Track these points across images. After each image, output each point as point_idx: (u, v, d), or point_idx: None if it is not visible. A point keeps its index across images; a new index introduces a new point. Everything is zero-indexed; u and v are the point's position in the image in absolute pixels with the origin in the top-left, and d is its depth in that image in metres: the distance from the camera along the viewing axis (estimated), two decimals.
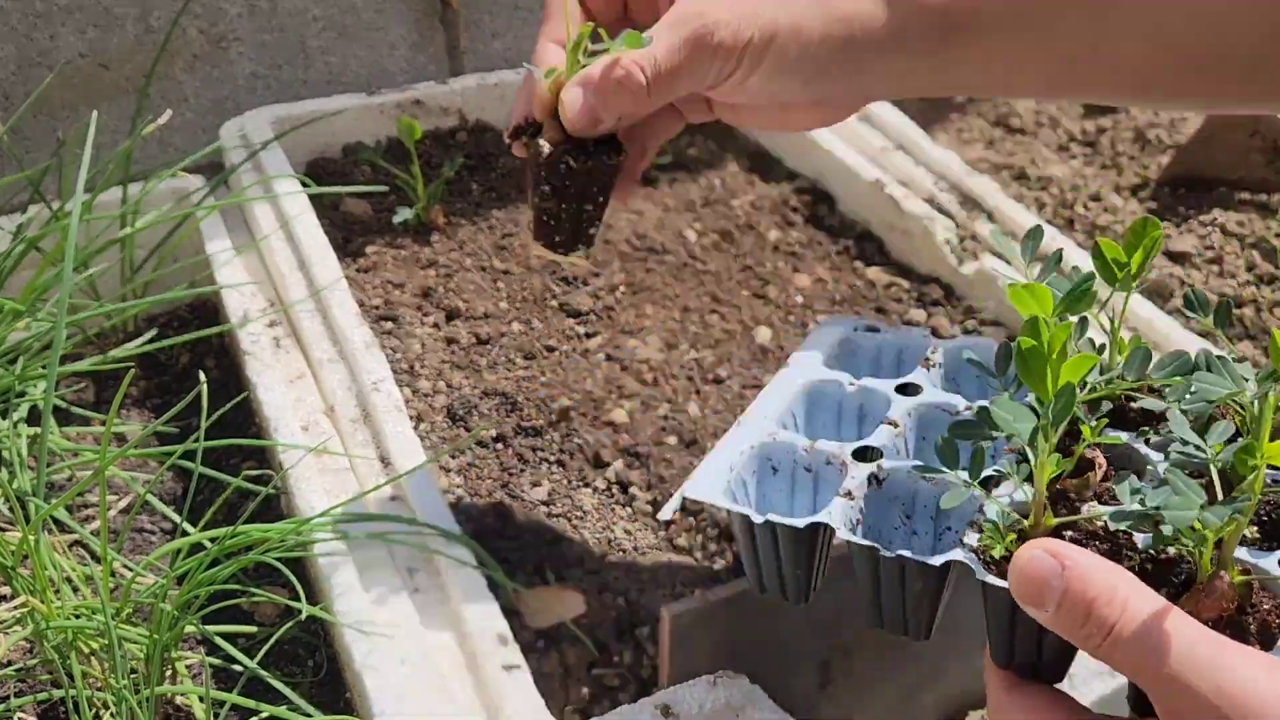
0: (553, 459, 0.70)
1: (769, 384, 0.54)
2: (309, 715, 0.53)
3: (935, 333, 0.81)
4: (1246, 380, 0.39)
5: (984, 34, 0.47)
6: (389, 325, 0.81)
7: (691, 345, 0.80)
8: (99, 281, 0.80)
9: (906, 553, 0.42)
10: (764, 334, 0.81)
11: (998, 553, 0.39)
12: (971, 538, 0.41)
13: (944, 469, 0.41)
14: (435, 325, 0.82)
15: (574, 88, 0.47)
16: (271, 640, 0.57)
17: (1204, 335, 0.80)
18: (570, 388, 0.76)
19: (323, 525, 0.59)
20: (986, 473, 0.41)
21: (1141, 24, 0.46)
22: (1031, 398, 0.39)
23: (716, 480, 0.47)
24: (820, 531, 0.45)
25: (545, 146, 0.48)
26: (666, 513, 0.47)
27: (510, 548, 0.63)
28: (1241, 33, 0.45)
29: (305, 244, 0.82)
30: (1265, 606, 0.37)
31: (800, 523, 0.44)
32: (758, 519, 0.45)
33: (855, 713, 0.59)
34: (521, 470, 0.69)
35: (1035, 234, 0.45)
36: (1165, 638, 0.34)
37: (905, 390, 0.52)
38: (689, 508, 0.62)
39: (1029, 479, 0.40)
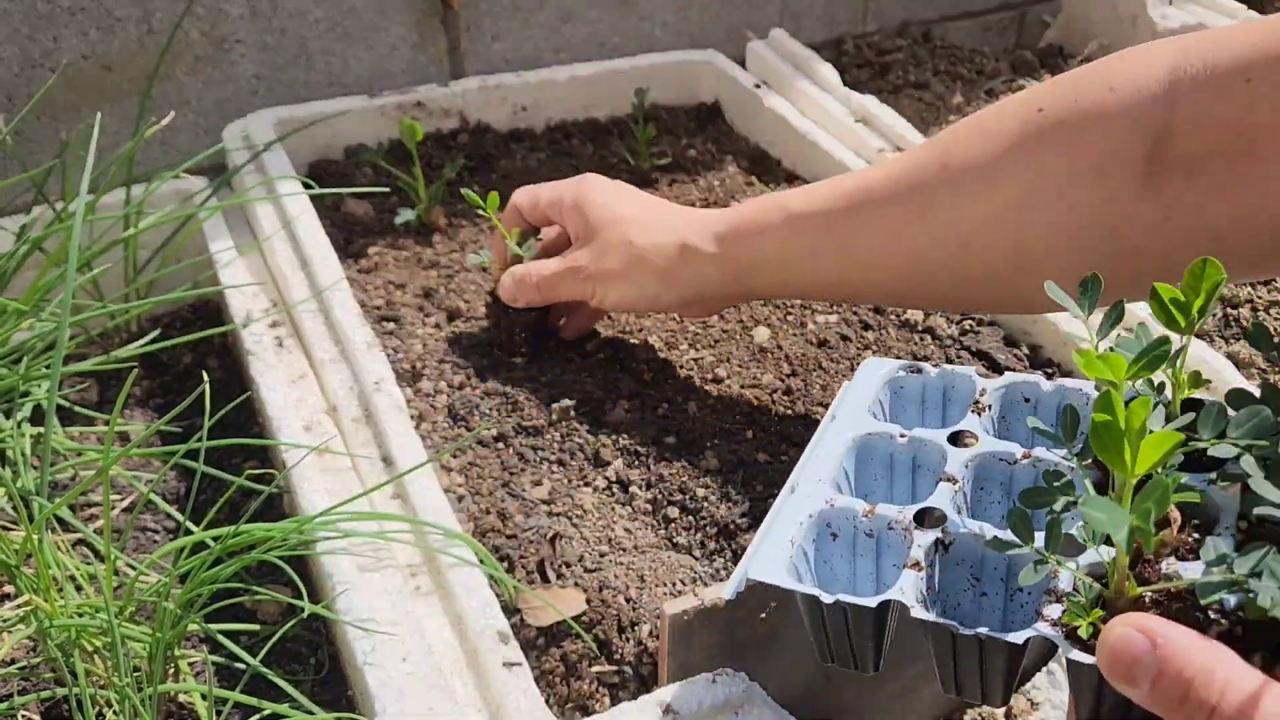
0: (553, 459, 0.71)
1: (816, 438, 0.53)
2: (311, 713, 0.53)
3: (931, 333, 0.81)
4: None
5: (769, 273, 0.67)
6: (390, 326, 0.82)
7: (691, 345, 0.80)
8: (102, 282, 0.80)
9: (985, 631, 0.41)
10: (762, 334, 0.81)
11: (1084, 633, 0.38)
12: (1052, 610, 0.40)
13: (1017, 539, 0.40)
14: (436, 326, 0.82)
15: (505, 277, 0.76)
16: (274, 638, 0.57)
17: (1200, 336, 0.80)
18: (570, 387, 0.76)
19: (325, 524, 0.59)
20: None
21: (889, 258, 0.62)
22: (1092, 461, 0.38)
23: (779, 556, 0.46)
24: (890, 604, 0.44)
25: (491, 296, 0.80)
26: (730, 592, 0.46)
27: (511, 546, 0.64)
28: (978, 261, 0.59)
29: (307, 245, 0.82)
30: None
31: (872, 602, 0.43)
32: (827, 600, 0.44)
33: (854, 710, 0.59)
34: (522, 470, 0.70)
35: (1093, 283, 0.43)
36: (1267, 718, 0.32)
37: (957, 438, 0.51)
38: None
39: (1107, 541, 0.39)
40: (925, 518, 0.47)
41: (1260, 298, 0.88)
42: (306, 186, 0.89)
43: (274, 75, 1.06)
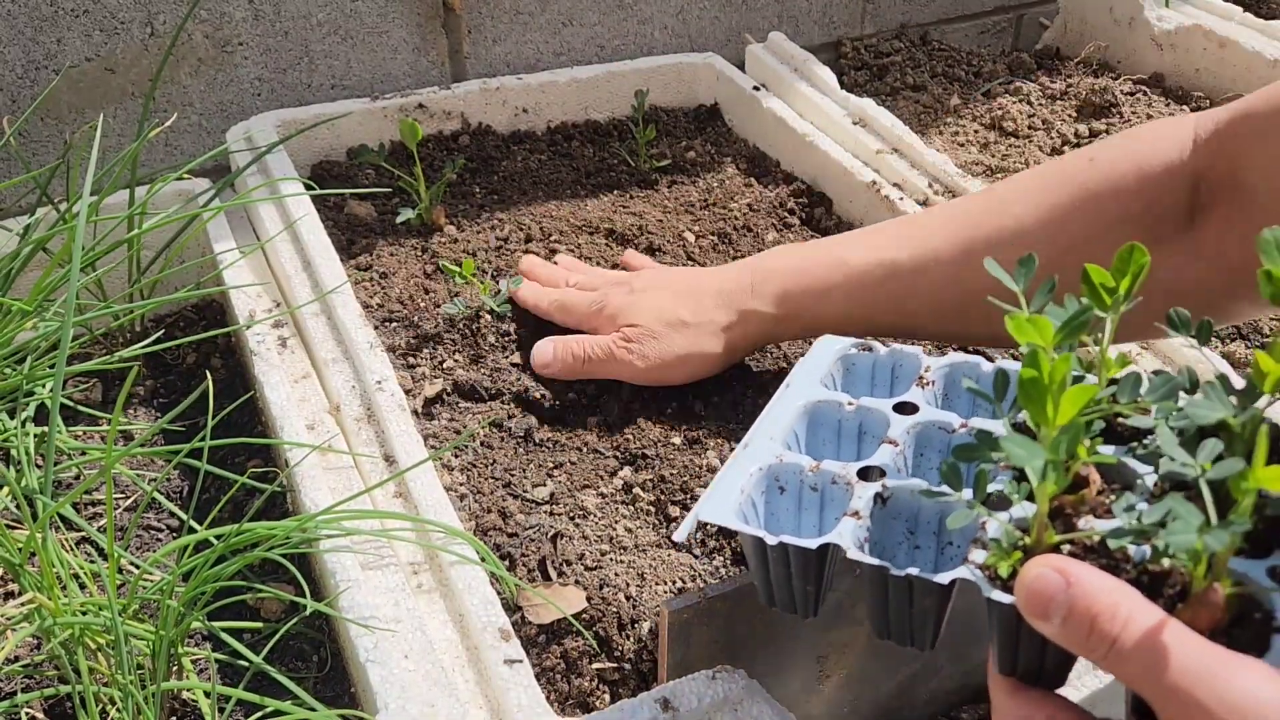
0: (555, 458, 0.71)
1: (770, 404, 0.56)
2: (314, 710, 0.54)
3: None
4: (1233, 402, 0.40)
5: (827, 326, 0.69)
6: (392, 325, 0.82)
7: None
8: (106, 282, 0.81)
9: (915, 571, 0.43)
10: None
11: (1004, 571, 0.41)
12: (977, 555, 0.42)
13: (949, 490, 0.42)
14: (437, 325, 0.83)
15: (545, 344, 0.76)
16: (277, 636, 0.58)
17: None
18: (572, 387, 0.77)
19: (327, 522, 0.60)
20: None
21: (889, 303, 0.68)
22: (1025, 416, 0.40)
23: (728, 502, 0.49)
24: (829, 550, 0.46)
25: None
26: (682, 534, 0.49)
27: (512, 544, 0.64)
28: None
29: (310, 245, 0.83)
30: (1256, 616, 0.38)
31: (813, 544, 0.46)
32: (771, 541, 0.46)
33: (851, 707, 0.60)
34: (524, 469, 0.70)
35: (1028, 262, 0.46)
36: (1166, 650, 0.35)
37: (902, 408, 0.54)
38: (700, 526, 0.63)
39: (1029, 497, 0.42)
40: (868, 475, 0.50)
41: None
42: (309, 187, 0.90)
43: (276, 77, 1.07)
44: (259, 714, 0.53)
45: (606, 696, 0.57)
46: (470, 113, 1.07)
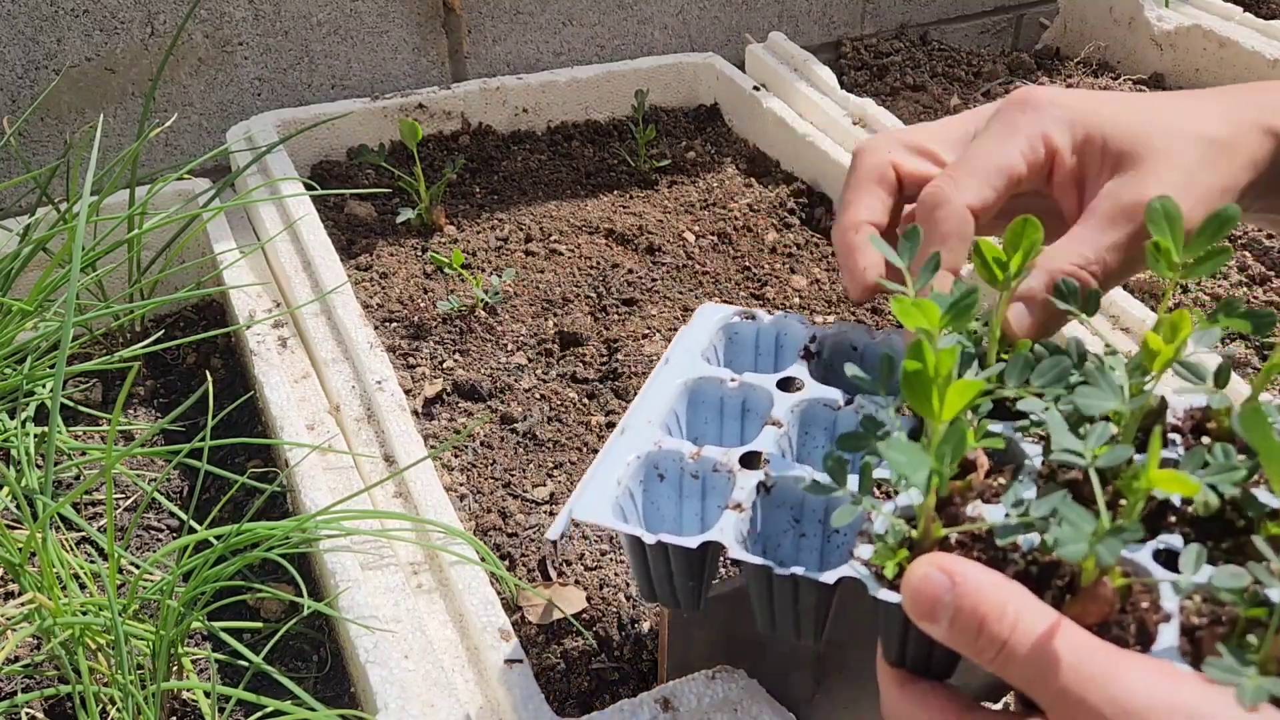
0: (555, 458, 0.71)
1: (648, 382, 0.53)
2: (314, 710, 0.54)
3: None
4: (1124, 392, 0.39)
5: None
6: (392, 325, 0.82)
7: None
8: (106, 282, 0.81)
9: (799, 570, 0.42)
10: None
11: (890, 572, 0.40)
12: (863, 550, 0.41)
13: (834, 484, 0.41)
14: (438, 325, 0.83)
15: (1017, 303, 0.47)
16: (277, 636, 0.58)
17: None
18: (573, 387, 0.77)
19: (327, 522, 0.60)
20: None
21: None
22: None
23: (605, 497, 0.46)
24: (710, 545, 0.45)
25: None
26: (555, 532, 0.46)
27: (512, 544, 0.64)
28: None
29: (310, 245, 0.83)
30: (1143, 604, 0.38)
31: (692, 543, 0.44)
32: (650, 540, 0.44)
33: (851, 707, 0.60)
34: (524, 469, 0.70)
35: (912, 235, 0.44)
36: (1056, 653, 0.34)
37: (786, 383, 0.52)
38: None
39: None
40: (752, 460, 0.48)
41: (1256, 298, 0.88)
42: (309, 187, 0.90)
43: (277, 77, 1.07)
44: (259, 714, 0.53)
45: (606, 697, 0.57)
46: (470, 113, 1.07)
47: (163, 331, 0.82)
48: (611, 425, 0.73)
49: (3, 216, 0.86)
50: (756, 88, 1.09)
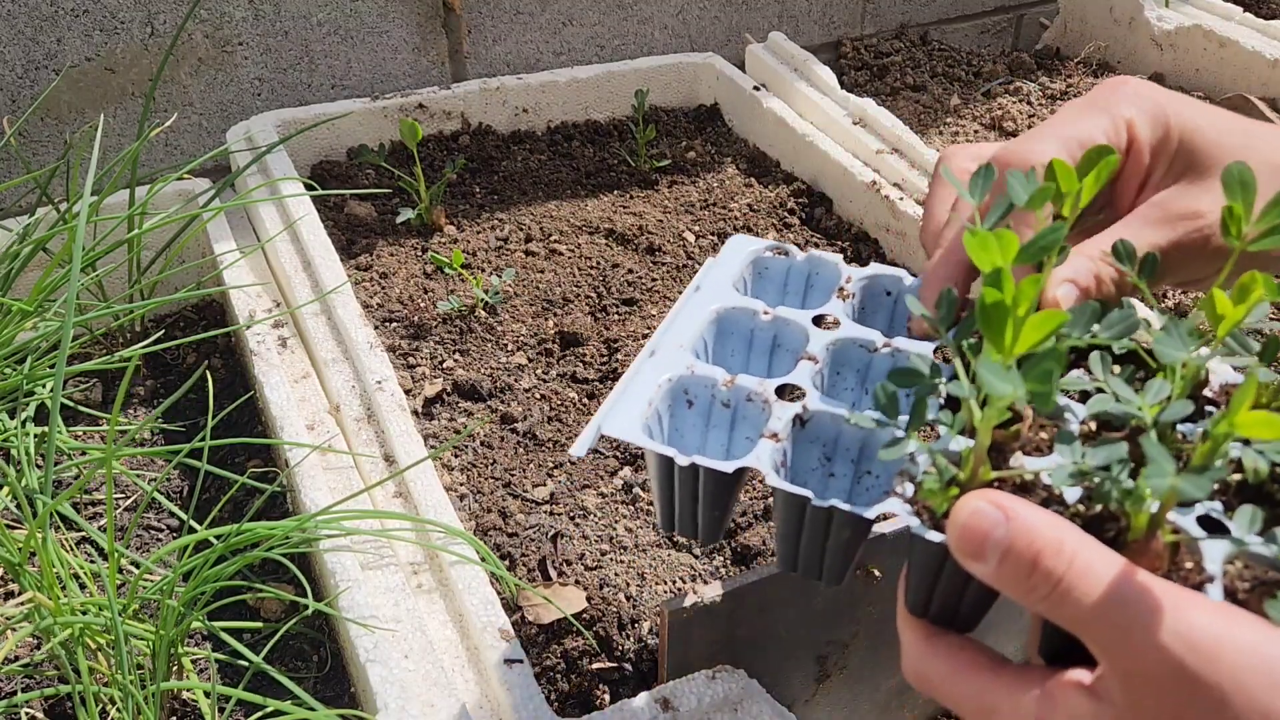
0: (555, 458, 0.71)
1: (677, 306, 0.51)
2: (314, 710, 0.54)
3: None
4: (1194, 342, 0.38)
5: None
6: (392, 325, 0.82)
7: None
8: (106, 282, 0.81)
9: (840, 503, 0.40)
10: None
11: (940, 509, 0.38)
12: (905, 488, 0.39)
13: (886, 418, 0.40)
14: (438, 325, 0.83)
15: (1065, 283, 0.46)
16: (277, 636, 0.58)
17: None
18: (573, 387, 0.77)
19: (327, 522, 0.60)
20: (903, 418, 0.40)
21: None
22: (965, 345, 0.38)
23: (633, 416, 0.44)
24: (740, 475, 0.43)
25: None
26: (580, 449, 0.44)
27: (512, 544, 0.64)
28: None
29: (310, 245, 0.83)
30: (1188, 565, 0.37)
31: (729, 467, 0.42)
32: (682, 461, 0.42)
33: (851, 706, 0.60)
34: (524, 469, 0.70)
35: (986, 173, 0.42)
36: (1119, 588, 0.33)
37: (819, 321, 0.50)
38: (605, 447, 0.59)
39: (962, 430, 0.39)
40: (783, 394, 0.46)
41: None
42: (309, 187, 0.90)
43: (277, 77, 1.07)
44: (259, 714, 0.53)
45: (606, 696, 0.57)
46: (470, 113, 1.07)
47: (163, 331, 0.82)
48: None
49: (3, 216, 0.86)
50: (756, 88, 1.09)
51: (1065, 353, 0.35)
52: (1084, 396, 0.43)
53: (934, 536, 0.37)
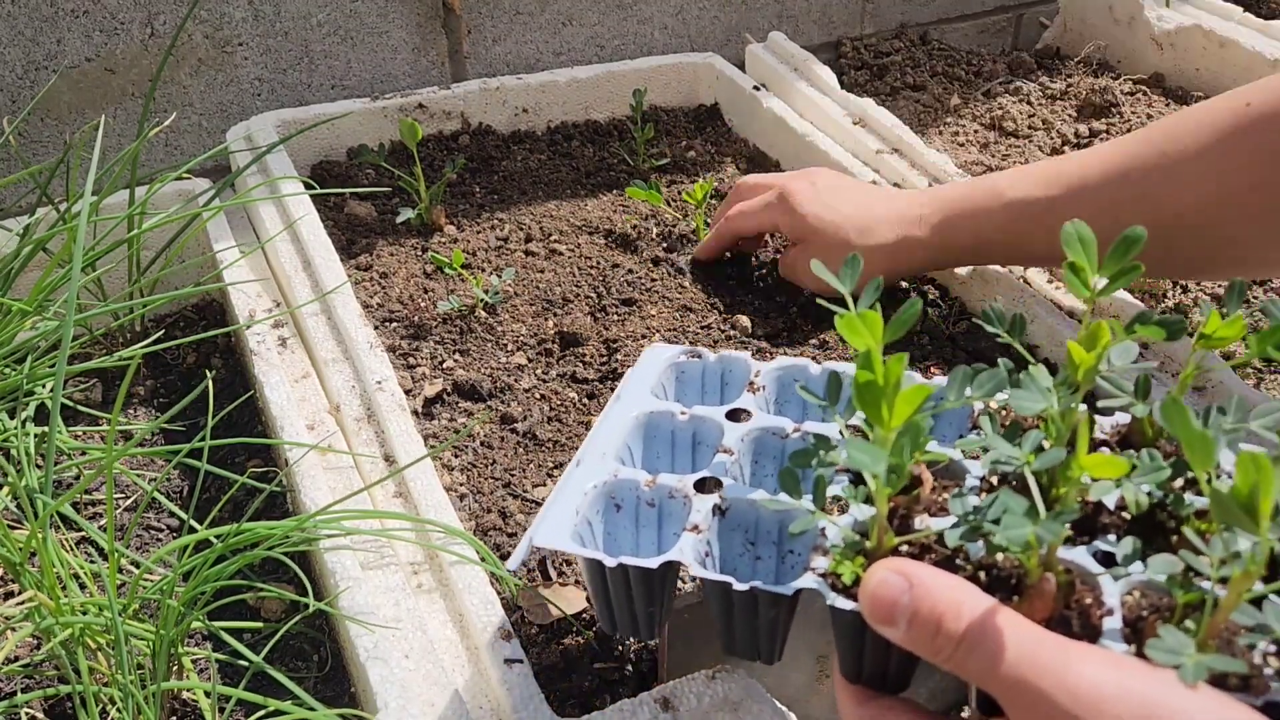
0: (555, 458, 0.71)
1: (600, 418, 0.55)
2: (314, 710, 0.54)
3: (930, 334, 0.82)
4: (1051, 394, 0.41)
5: (981, 253, 0.76)
6: (392, 325, 0.82)
7: (692, 344, 0.81)
8: (106, 282, 0.81)
9: (759, 584, 0.43)
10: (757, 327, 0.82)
11: (848, 578, 0.40)
12: (819, 563, 0.42)
13: (789, 498, 0.43)
14: (438, 325, 0.83)
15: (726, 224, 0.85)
16: (277, 635, 0.58)
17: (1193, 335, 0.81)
18: (573, 387, 0.77)
19: (327, 522, 0.60)
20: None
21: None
22: (859, 418, 0.41)
23: (563, 525, 0.48)
24: (670, 568, 0.45)
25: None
26: (514, 563, 0.47)
27: (512, 544, 0.64)
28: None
29: (310, 245, 0.83)
30: (1087, 600, 0.39)
31: (654, 563, 0.45)
32: (610, 563, 0.45)
33: None
34: (524, 469, 0.70)
35: (853, 262, 0.45)
36: (1009, 644, 0.35)
37: (734, 415, 0.53)
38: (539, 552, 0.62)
39: (866, 500, 0.42)
40: (705, 487, 0.49)
41: (1255, 298, 0.88)
42: (309, 187, 0.90)
43: (276, 77, 1.07)
44: (259, 714, 0.53)
45: (606, 697, 0.57)
46: (470, 113, 1.07)
47: (163, 331, 0.82)
48: None
49: (3, 216, 0.86)
50: (756, 88, 1.09)
51: (924, 427, 0.38)
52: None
53: (847, 605, 0.40)
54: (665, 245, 0.92)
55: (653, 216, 0.96)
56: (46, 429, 0.60)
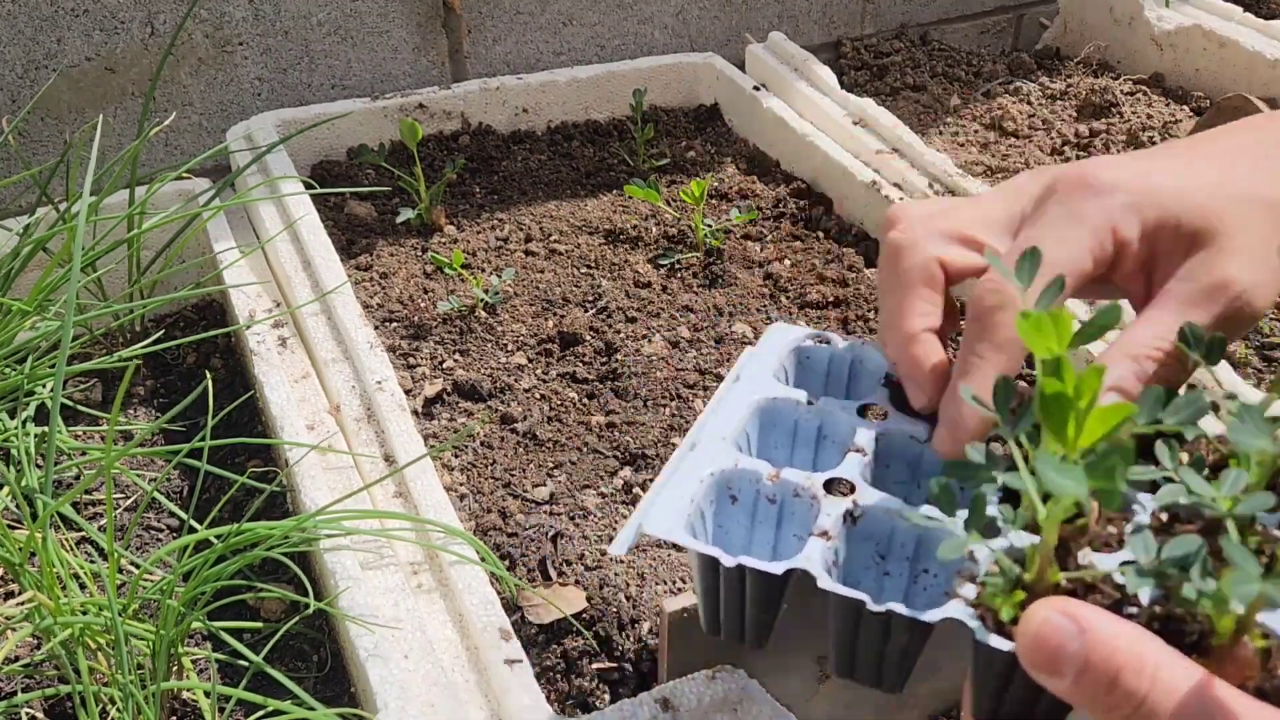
0: (555, 458, 0.71)
1: (718, 397, 0.49)
2: (314, 710, 0.54)
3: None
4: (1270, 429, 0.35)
5: None
6: (392, 325, 0.82)
7: (693, 344, 0.81)
8: (106, 282, 0.81)
9: (898, 607, 0.38)
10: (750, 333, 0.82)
11: (1006, 614, 0.35)
12: (966, 590, 0.37)
13: (940, 514, 0.38)
14: (438, 325, 0.83)
15: (1109, 393, 0.43)
16: (277, 635, 0.58)
17: None
18: (573, 387, 0.77)
19: (327, 522, 0.60)
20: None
21: None
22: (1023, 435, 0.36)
23: (676, 513, 0.43)
24: (790, 575, 0.41)
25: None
26: (620, 547, 0.42)
27: (512, 544, 0.64)
28: None
29: (310, 245, 0.83)
30: None
31: (779, 569, 0.40)
32: (728, 562, 0.41)
33: (851, 707, 0.60)
34: (524, 469, 0.70)
35: (1033, 256, 0.40)
36: (1209, 711, 0.31)
37: (864, 411, 0.48)
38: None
39: (1024, 525, 0.37)
40: (832, 487, 0.44)
41: None
42: (309, 187, 0.90)
43: (277, 77, 1.07)
44: (259, 714, 0.53)
45: (606, 696, 0.57)
46: (470, 113, 1.07)
47: (163, 331, 0.82)
48: (611, 425, 0.73)
49: (3, 216, 0.86)
50: (756, 88, 1.09)
51: (1132, 448, 0.32)
52: (1152, 486, 0.40)
53: (1002, 645, 0.35)
54: (665, 245, 0.92)
55: (653, 216, 0.96)
56: (46, 429, 0.60)
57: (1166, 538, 0.35)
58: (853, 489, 0.44)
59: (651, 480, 0.68)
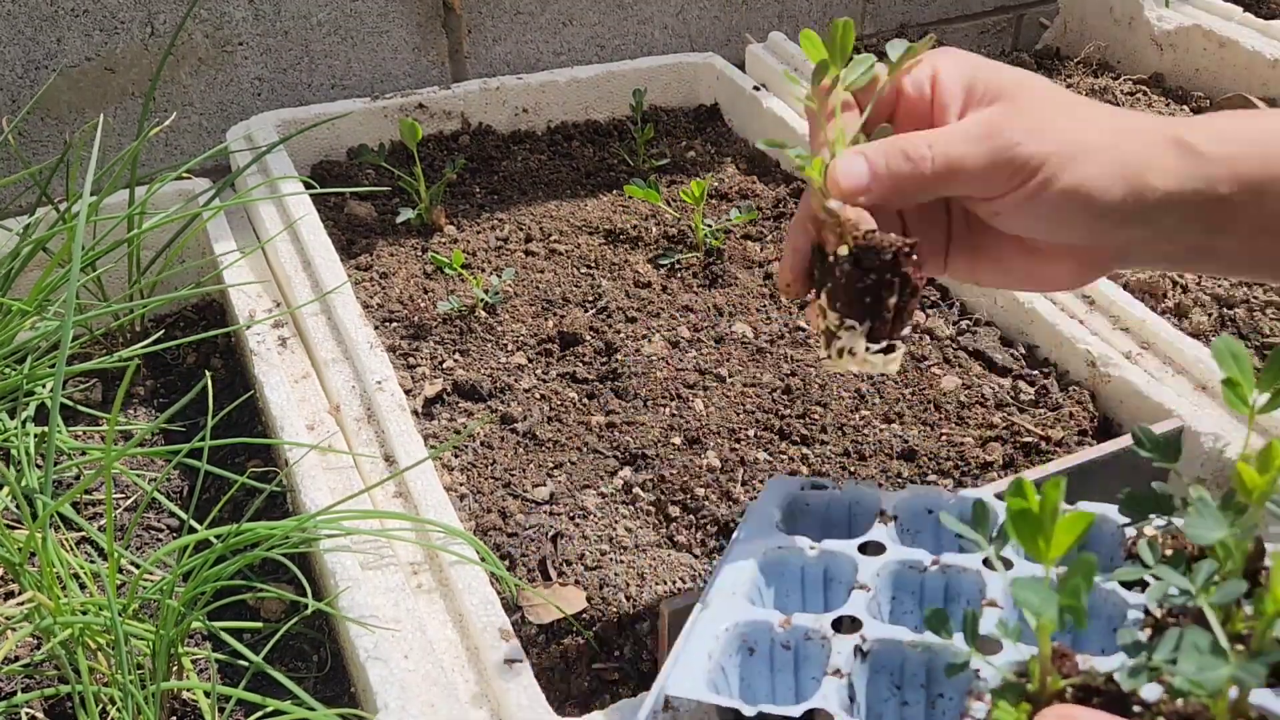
0: (555, 458, 0.71)
1: (723, 556, 0.52)
2: (314, 710, 0.54)
3: (930, 334, 0.81)
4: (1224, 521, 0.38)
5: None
6: (392, 325, 0.82)
7: (693, 344, 0.81)
8: (106, 282, 0.81)
9: None
10: (750, 332, 0.82)
11: None
12: (977, 709, 0.39)
13: (936, 638, 0.40)
14: (438, 325, 0.83)
15: (852, 154, 0.47)
16: (277, 636, 0.58)
17: (1195, 336, 0.81)
18: (573, 387, 0.77)
19: (327, 522, 0.60)
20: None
21: None
22: (1010, 549, 0.38)
23: (697, 671, 0.45)
24: (811, 716, 0.43)
25: (843, 252, 0.46)
26: (646, 712, 0.44)
27: (512, 544, 0.64)
28: None
29: (310, 245, 0.83)
30: None
31: (796, 711, 0.42)
32: (749, 711, 0.42)
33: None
34: (524, 469, 0.70)
35: (981, 508, 0.43)
36: None
37: (866, 549, 0.51)
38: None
39: (1020, 636, 0.40)
40: (842, 626, 0.46)
41: (1256, 298, 0.88)
42: (309, 187, 0.90)
43: (277, 77, 1.07)
44: (259, 714, 0.53)
45: (606, 696, 0.57)
46: (470, 112, 1.07)
47: (163, 331, 0.82)
48: (611, 425, 0.73)
49: (3, 216, 0.86)
50: (756, 88, 1.09)
51: (1094, 563, 0.35)
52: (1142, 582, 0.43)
53: None
54: (665, 245, 0.92)
55: (653, 216, 0.96)
56: (46, 429, 0.60)
57: (1158, 633, 0.37)
58: (860, 625, 0.46)
59: (650, 479, 0.68)
